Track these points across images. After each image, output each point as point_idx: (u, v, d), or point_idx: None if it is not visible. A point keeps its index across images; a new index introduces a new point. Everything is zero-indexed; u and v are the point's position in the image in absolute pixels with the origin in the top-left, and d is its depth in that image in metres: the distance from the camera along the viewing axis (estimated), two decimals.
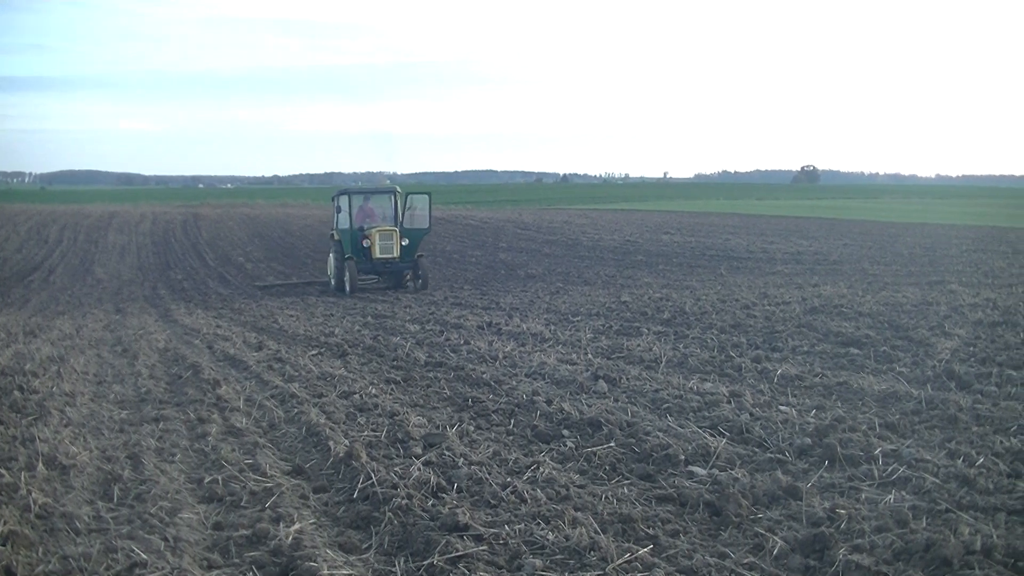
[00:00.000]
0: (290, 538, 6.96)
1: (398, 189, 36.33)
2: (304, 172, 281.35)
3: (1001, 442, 8.92)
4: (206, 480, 8.72)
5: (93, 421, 11.59)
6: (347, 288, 33.53)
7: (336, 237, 35.56)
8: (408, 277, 35.07)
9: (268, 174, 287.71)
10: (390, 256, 33.95)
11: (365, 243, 33.88)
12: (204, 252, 49.11)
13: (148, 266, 44.39)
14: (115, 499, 8.13)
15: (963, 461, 8.36)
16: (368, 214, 35.70)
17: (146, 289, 36.28)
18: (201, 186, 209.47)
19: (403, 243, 34.01)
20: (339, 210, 35.46)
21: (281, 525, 7.27)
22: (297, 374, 14.56)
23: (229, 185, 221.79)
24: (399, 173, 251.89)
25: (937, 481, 7.78)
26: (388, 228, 34.24)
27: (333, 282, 35.16)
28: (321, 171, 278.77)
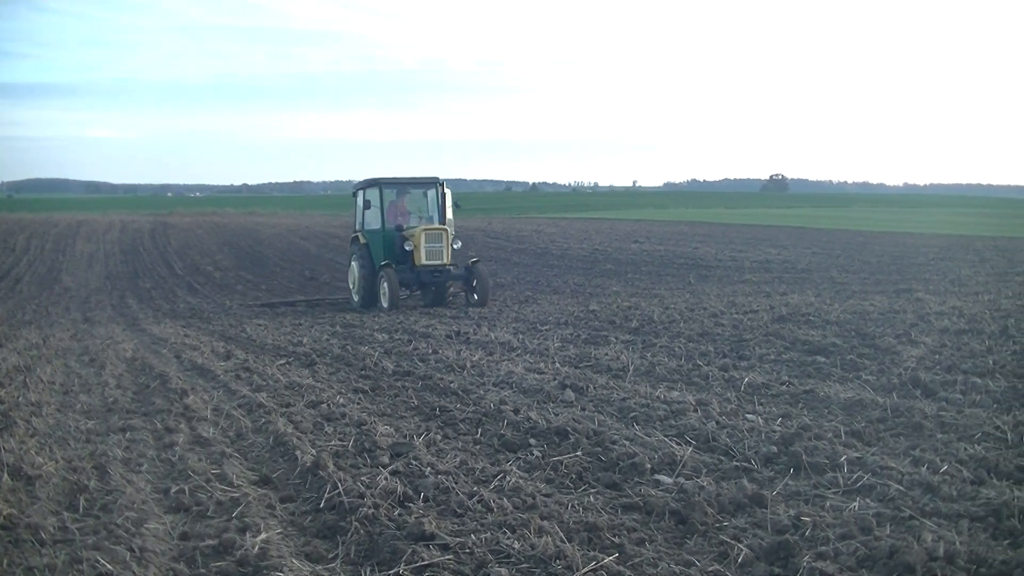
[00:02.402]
0: (256, 548, 6.94)
1: (441, 180, 30.54)
2: (273, 181, 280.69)
3: (965, 449, 8.98)
4: (173, 490, 8.69)
5: (59, 431, 11.53)
6: (384, 302, 27.96)
7: (362, 240, 29.85)
8: (453, 289, 30.31)
9: (237, 182, 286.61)
10: (438, 263, 28.29)
11: (407, 246, 28.47)
12: (173, 261, 48.98)
13: (116, 275, 44.23)
14: (81, 510, 8.07)
15: (927, 468, 8.41)
16: (400, 212, 30.25)
17: (114, 298, 36.13)
18: (170, 195, 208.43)
19: (454, 246, 28.59)
20: (367, 206, 29.64)
21: (247, 535, 7.25)
22: (265, 383, 14.54)
23: (198, 194, 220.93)
24: None
25: (901, 488, 7.82)
26: (436, 227, 28.66)
27: (357, 297, 29.75)
28: (290, 180, 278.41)
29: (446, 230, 28.60)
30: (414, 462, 9.30)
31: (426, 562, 6.63)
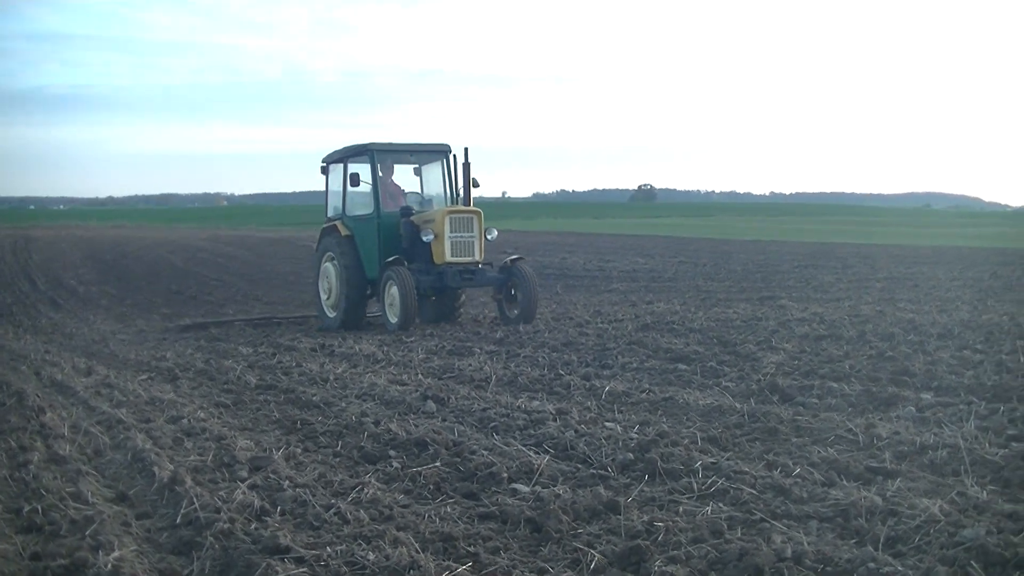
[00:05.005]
0: (109, 566, 6.84)
1: (450, 149, 23.12)
2: (139, 193, 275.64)
3: (818, 452, 9.19)
4: (25, 510, 8.51)
5: None
6: (392, 317, 21.29)
7: (343, 232, 22.94)
8: (461, 300, 23.79)
9: (103, 195, 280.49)
10: (469, 260, 21.64)
11: (424, 236, 21.41)
12: (35, 275, 47.83)
13: None
14: None
15: (780, 471, 8.60)
16: (392, 193, 23.29)
17: None
18: (32, 208, 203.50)
19: (488, 237, 21.90)
20: (353, 182, 22.24)
21: (100, 553, 7.13)
22: (126, 399, 14.30)
23: (62, 207, 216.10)
24: (236, 193, 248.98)
25: (754, 492, 8.00)
26: (466, 210, 21.84)
27: (334, 313, 23.06)
28: (156, 192, 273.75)
29: (479, 213, 21.71)
30: (272, 476, 9.25)
31: (280, 575, 6.61)
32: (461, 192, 22.74)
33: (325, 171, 24.30)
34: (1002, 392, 11.44)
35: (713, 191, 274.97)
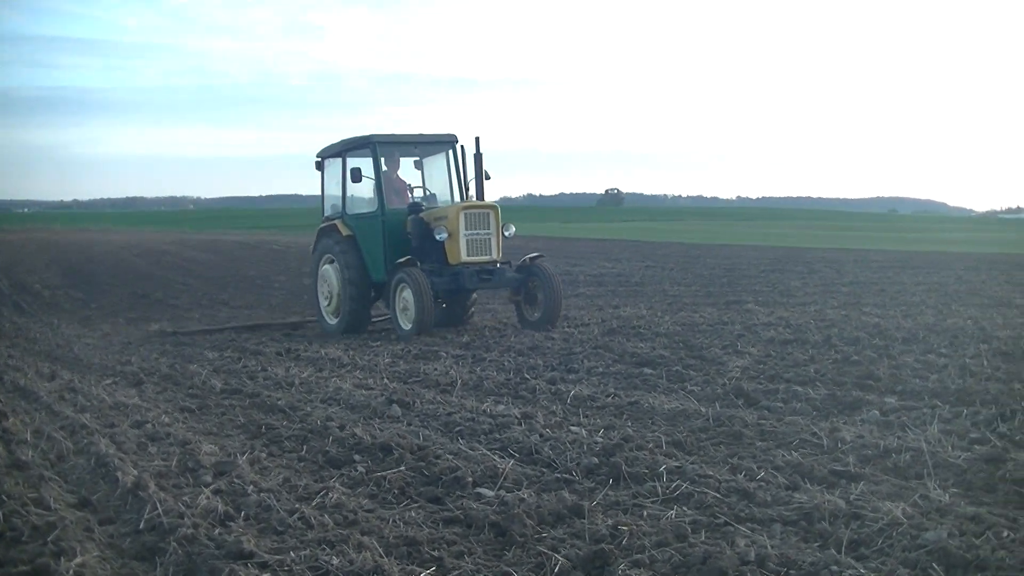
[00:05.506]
0: (71, 572, 6.80)
1: (457, 139, 21.66)
2: (105, 196, 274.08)
3: (783, 456, 9.24)
4: None
5: None
6: (403, 323, 20.19)
7: (344, 231, 21.47)
8: (472, 302, 22.45)
9: (68, 198, 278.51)
10: (486, 259, 20.31)
11: (438, 235, 19.96)
12: None
13: None
14: None
15: (744, 475, 8.64)
16: (398, 189, 21.83)
17: None
18: None
19: (506, 233, 20.54)
20: (355, 177, 20.66)
21: (63, 559, 7.07)
22: (89, 404, 14.20)
23: (26, 210, 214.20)
24: (203, 197, 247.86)
25: (718, 496, 8.03)
26: (481, 205, 20.43)
27: (335, 319, 21.88)
28: (123, 195, 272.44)
29: (495, 208, 20.36)
30: (237, 480, 9.21)
31: None
32: (470, 186, 21.31)
33: (320, 166, 22.79)
34: (965, 396, 11.51)
35: (680, 195, 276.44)
